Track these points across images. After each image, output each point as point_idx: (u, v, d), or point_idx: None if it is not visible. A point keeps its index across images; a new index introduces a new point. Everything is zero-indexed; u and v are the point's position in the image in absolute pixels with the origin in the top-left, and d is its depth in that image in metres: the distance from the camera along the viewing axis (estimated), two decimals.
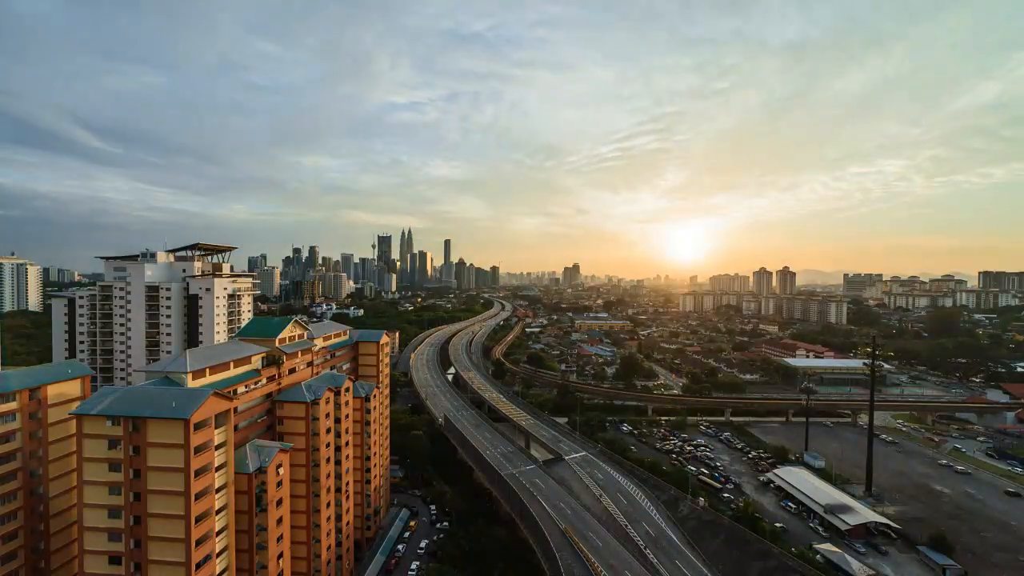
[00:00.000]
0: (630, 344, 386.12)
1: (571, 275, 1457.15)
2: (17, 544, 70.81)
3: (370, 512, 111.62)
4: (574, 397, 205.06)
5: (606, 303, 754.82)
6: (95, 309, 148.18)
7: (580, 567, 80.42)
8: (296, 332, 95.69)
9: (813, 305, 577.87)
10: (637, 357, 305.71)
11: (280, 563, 71.98)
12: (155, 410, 57.56)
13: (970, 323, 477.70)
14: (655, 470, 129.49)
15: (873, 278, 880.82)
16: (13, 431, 70.58)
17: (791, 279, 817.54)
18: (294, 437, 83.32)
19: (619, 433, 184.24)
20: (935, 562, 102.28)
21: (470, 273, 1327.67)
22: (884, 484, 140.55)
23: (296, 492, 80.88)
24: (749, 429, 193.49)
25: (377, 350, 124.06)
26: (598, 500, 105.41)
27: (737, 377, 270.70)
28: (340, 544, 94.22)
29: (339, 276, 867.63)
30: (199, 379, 66.22)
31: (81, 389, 79.91)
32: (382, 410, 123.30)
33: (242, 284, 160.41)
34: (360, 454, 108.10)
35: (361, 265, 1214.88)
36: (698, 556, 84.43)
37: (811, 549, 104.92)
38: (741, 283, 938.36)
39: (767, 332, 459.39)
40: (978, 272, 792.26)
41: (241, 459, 67.46)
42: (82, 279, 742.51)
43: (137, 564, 57.50)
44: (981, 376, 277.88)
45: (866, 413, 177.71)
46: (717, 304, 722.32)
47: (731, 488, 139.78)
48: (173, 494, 56.90)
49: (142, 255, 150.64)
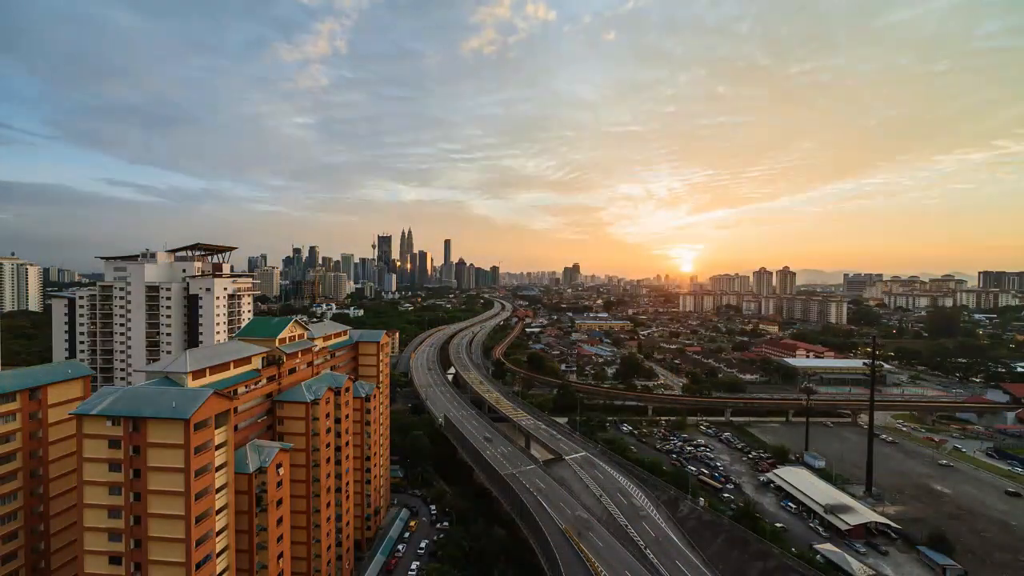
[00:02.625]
0: (630, 344, 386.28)
1: (571, 275, 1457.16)
2: (17, 544, 70.79)
3: (370, 512, 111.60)
4: (574, 397, 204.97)
5: (606, 303, 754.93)
6: (95, 309, 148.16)
7: (580, 567, 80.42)
8: (296, 332, 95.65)
9: (813, 305, 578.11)
10: (637, 357, 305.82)
11: (280, 563, 71.96)
12: (155, 410, 57.52)
13: (970, 323, 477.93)
14: (655, 470, 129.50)
15: (873, 278, 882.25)
16: (13, 431, 70.56)
17: (791, 279, 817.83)
18: (294, 437, 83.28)
19: (619, 433, 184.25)
20: (935, 562, 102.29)
21: (470, 273, 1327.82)
22: (884, 484, 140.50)
23: (296, 492, 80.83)
24: (749, 429, 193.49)
25: (377, 350, 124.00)
26: (598, 500, 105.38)
27: (737, 377, 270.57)
28: (340, 544, 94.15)
29: (339, 276, 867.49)
30: (199, 379, 66.17)
31: (81, 389, 79.85)
32: (382, 410, 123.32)
33: (242, 284, 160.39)
34: (360, 454, 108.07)
35: (361, 265, 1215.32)
36: (698, 556, 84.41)
37: (811, 549, 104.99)
38: (741, 283, 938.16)
39: (767, 332, 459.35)
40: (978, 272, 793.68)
41: (241, 459, 67.41)
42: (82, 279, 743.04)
43: (137, 564, 57.46)
44: (981, 376, 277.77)
45: (866, 413, 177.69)
46: (717, 304, 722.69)
47: (731, 488, 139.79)
48: (173, 494, 56.86)
49: (142, 255, 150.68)
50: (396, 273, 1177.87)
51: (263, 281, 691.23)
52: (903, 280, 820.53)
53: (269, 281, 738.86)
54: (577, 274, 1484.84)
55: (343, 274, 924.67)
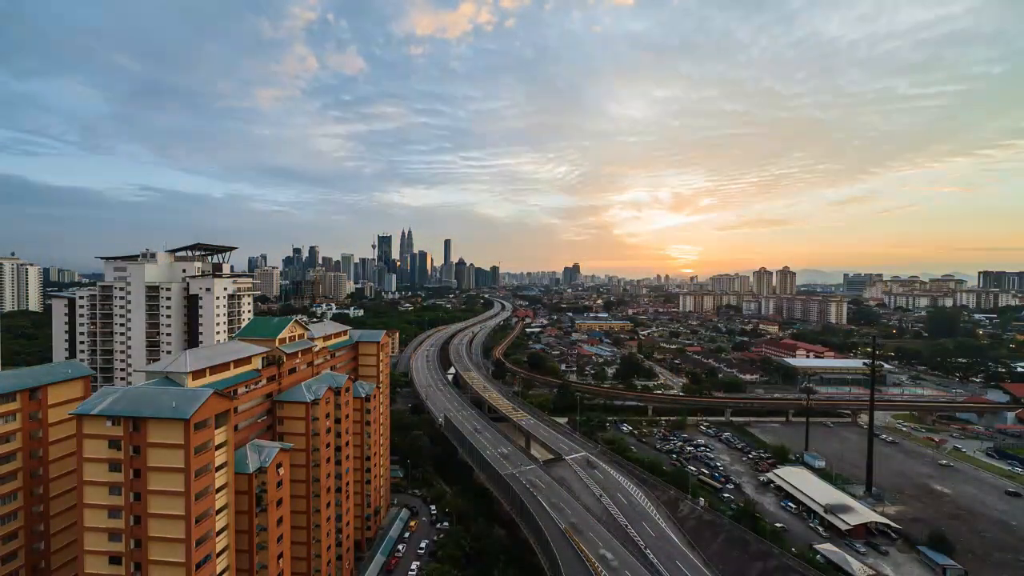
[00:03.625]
0: (630, 344, 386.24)
1: (571, 275, 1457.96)
2: (17, 544, 70.78)
3: (370, 512, 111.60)
4: (574, 397, 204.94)
5: (606, 303, 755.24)
6: (95, 309, 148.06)
7: (580, 567, 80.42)
8: (296, 332, 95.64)
9: (813, 305, 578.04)
10: (637, 357, 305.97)
11: (280, 563, 71.93)
12: (155, 410, 57.50)
13: (970, 323, 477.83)
14: (655, 470, 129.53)
15: (873, 278, 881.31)
16: (13, 431, 70.54)
17: (791, 279, 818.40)
18: (294, 437, 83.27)
19: (619, 433, 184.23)
20: (935, 562, 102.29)
21: (470, 273, 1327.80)
22: (884, 484, 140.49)
23: (296, 492, 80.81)
24: (749, 429, 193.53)
25: (377, 350, 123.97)
26: (598, 500, 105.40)
27: (737, 377, 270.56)
28: (340, 544, 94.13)
29: (339, 276, 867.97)
30: (199, 379, 66.17)
31: (81, 389, 79.81)
32: (382, 410, 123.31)
33: (242, 284, 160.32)
34: (360, 454, 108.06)
35: (361, 265, 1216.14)
36: (698, 556, 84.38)
37: (811, 549, 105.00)
38: (741, 283, 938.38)
39: (767, 332, 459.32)
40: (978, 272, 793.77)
41: (241, 459, 67.38)
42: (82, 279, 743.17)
43: (137, 564, 57.43)
44: (981, 376, 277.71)
45: (866, 413, 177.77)
46: (717, 304, 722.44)
47: (731, 488, 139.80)
48: (173, 494, 56.84)
49: (142, 255, 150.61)
50: (396, 273, 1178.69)
51: (263, 281, 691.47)
52: (903, 280, 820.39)
53: (269, 281, 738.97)
54: (577, 274, 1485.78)
55: (343, 274, 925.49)
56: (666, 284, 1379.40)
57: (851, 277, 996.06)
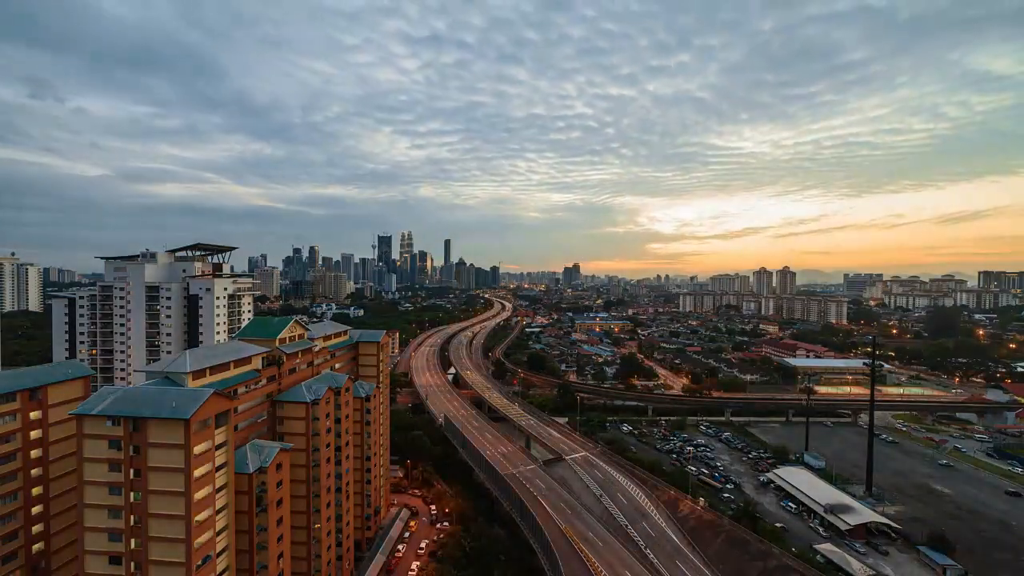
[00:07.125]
0: (630, 344, 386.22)
1: (571, 275, 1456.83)
2: (17, 544, 70.73)
3: (370, 512, 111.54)
4: (574, 397, 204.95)
5: (606, 303, 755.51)
6: (95, 309, 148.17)
7: (580, 567, 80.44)
8: (296, 332, 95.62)
9: (813, 305, 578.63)
10: (637, 357, 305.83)
11: (280, 563, 71.96)
12: (155, 410, 57.50)
13: (970, 323, 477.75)
14: (655, 470, 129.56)
15: (873, 278, 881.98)
16: (13, 431, 70.49)
17: (791, 279, 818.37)
18: (294, 437, 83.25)
19: (619, 433, 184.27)
20: (935, 562, 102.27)
21: (470, 273, 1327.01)
22: (884, 484, 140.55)
23: (296, 492, 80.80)
24: (749, 429, 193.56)
25: (377, 350, 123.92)
26: (598, 500, 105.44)
27: (737, 377, 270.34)
28: (340, 544, 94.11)
29: (339, 276, 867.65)
30: (199, 379, 66.17)
31: (81, 389, 79.76)
32: (382, 410, 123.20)
33: (242, 284, 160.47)
34: (360, 454, 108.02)
35: (361, 265, 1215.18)
36: (698, 556, 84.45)
37: (811, 549, 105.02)
38: (741, 283, 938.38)
39: (767, 332, 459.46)
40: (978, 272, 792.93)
41: (241, 459, 67.38)
42: (82, 279, 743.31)
43: (138, 564, 57.45)
44: (981, 376, 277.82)
45: (866, 413, 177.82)
46: (717, 304, 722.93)
47: (731, 488, 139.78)
48: (174, 494, 56.84)
49: (142, 255, 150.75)
50: (396, 273, 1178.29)
51: (263, 281, 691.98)
52: (903, 280, 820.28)
53: (269, 281, 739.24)
54: (577, 274, 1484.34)
55: (343, 274, 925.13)
56: (666, 284, 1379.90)
57: (851, 277, 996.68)
